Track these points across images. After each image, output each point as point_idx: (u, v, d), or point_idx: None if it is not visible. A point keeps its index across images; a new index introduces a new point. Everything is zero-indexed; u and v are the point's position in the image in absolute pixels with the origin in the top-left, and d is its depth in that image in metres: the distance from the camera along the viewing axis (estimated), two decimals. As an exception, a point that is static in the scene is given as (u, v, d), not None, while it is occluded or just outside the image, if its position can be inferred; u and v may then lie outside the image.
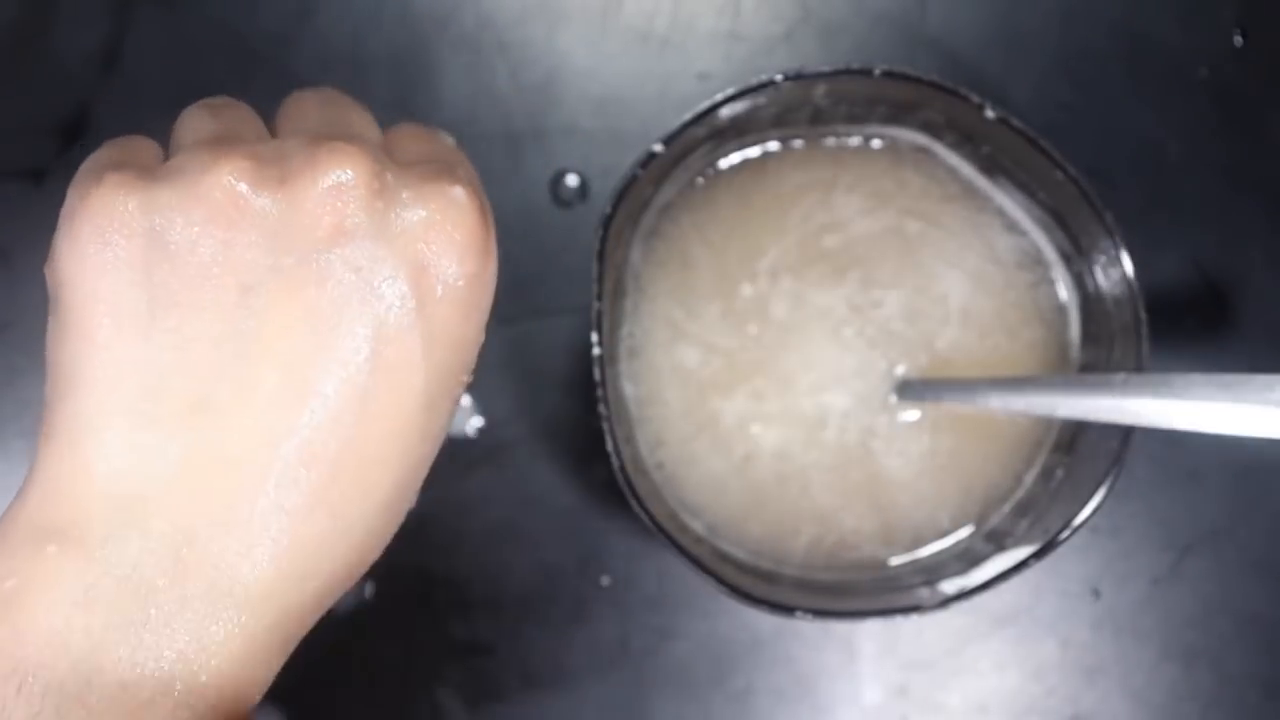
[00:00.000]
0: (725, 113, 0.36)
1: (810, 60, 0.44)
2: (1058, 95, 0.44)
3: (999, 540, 0.37)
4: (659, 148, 0.35)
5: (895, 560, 0.38)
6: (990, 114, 0.36)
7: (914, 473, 0.38)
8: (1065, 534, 0.34)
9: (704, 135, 0.37)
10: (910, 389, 0.38)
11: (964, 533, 0.38)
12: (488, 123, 0.43)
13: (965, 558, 0.37)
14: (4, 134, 0.43)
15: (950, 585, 0.35)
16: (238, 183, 0.24)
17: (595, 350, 0.34)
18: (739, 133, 0.38)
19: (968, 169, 0.39)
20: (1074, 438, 0.38)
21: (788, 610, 0.34)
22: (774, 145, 0.39)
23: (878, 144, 0.40)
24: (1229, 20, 0.45)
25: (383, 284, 0.25)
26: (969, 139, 0.38)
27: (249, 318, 0.25)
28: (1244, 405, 0.26)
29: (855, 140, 0.40)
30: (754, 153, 0.39)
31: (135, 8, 0.43)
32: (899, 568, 0.38)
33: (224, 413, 0.25)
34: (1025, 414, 0.38)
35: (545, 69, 0.43)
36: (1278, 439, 0.26)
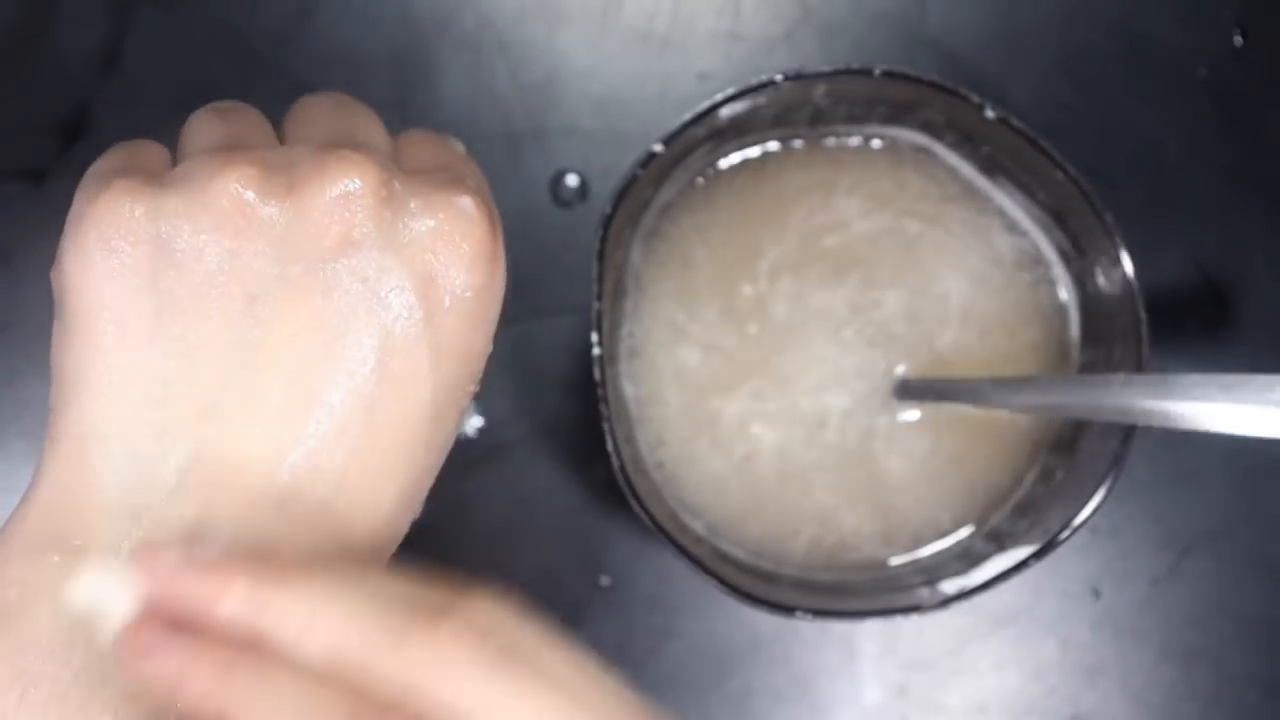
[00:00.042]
0: (725, 113, 0.36)
1: (810, 60, 0.44)
2: (1058, 95, 0.44)
3: (999, 540, 0.37)
4: (659, 148, 0.35)
5: (895, 560, 0.38)
6: (990, 114, 0.36)
7: (914, 473, 0.38)
8: (1065, 534, 0.34)
9: (704, 135, 0.37)
10: (910, 389, 0.38)
11: (964, 533, 0.38)
12: (488, 123, 0.43)
13: (965, 558, 0.37)
14: (4, 134, 0.42)
15: (950, 585, 0.35)
16: (245, 190, 0.24)
17: (595, 350, 0.34)
18: (739, 133, 0.38)
19: (968, 169, 0.39)
20: (1074, 438, 0.38)
21: (787, 610, 0.34)
22: (774, 145, 0.39)
23: (878, 144, 0.40)
24: (1229, 20, 0.45)
25: (390, 294, 0.25)
26: (969, 139, 0.38)
27: (255, 326, 0.25)
28: (1244, 405, 0.26)
29: (855, 140, 0.40)
30: (754, 153, 0.39)
31: (135, 8, 0.43)
32: (899, 568, 0.38)
33: (229, 422, 0.24)
34: (1025, 414, 0.38)
35: (545, 69, 0.43)
36: (1278, 439, 0.26)
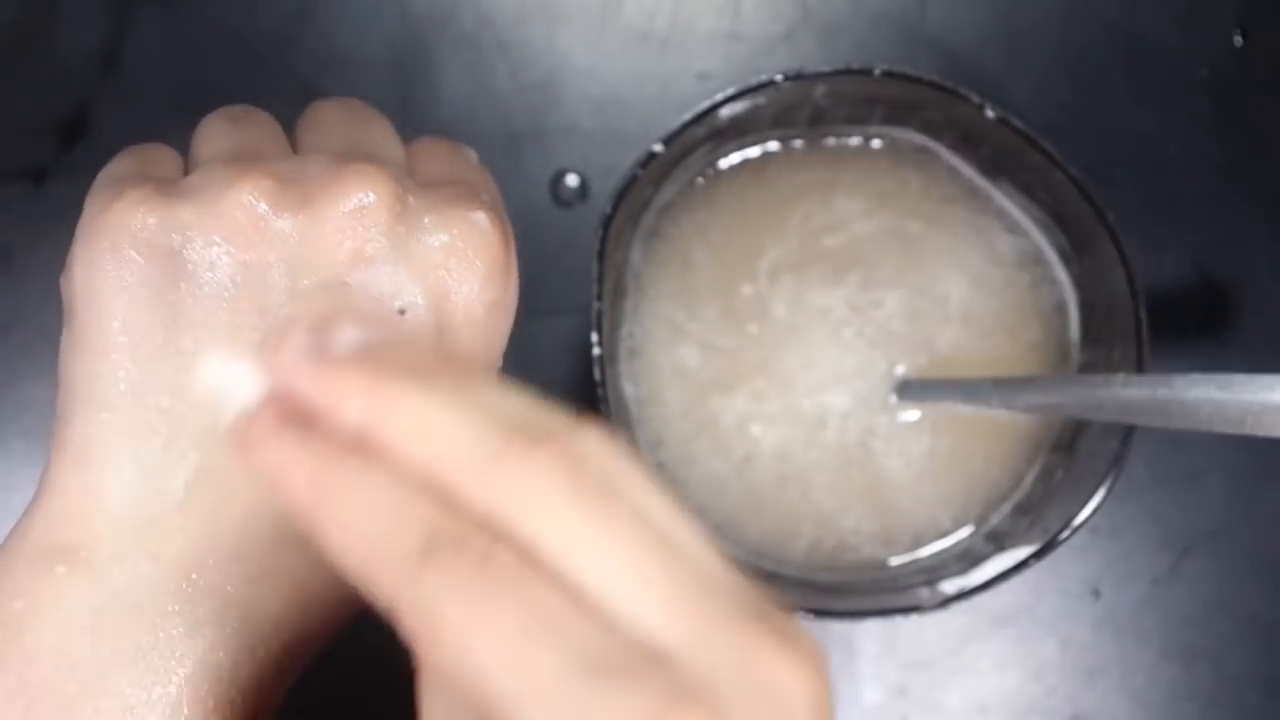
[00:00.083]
0: (725, 113, 0.36)
1: (810, 60, 0.44)
2: (1057, 95, 0.44)
3: (999, 540, 0.37)
4: (659, 148, 0.35)
5: (895, 560, 0.38)
6: (990, 114, 0.36)
7: (914, 473, 0.38)
8: (1065, 534, 0.34)
9: (704, 135, 0.37)
10: (910, 389, 0.38)
11: (964, 533, 0.38)
12: (488, 123, 0.43)
13: (965, 558, 0.37)
14: (4, 134, 0.42)
15: (950, 585, 0.35)
16: (258, 203, 0.24)
17: (595, 350, 0.34)
18: (739, 133, 0.38)
19: (968, 169, 0.39)
20: (1074, 438, 0.38)
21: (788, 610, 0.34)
22: (774, 145, 0.39)
23: (878, 144, 0.40)
24: (1229, 20, 0.45)
25: (402, 310, 0.25)
26: (969, 139, 0.38)
27: (265, 339, 0.24)
28: (1244, 405, 0.26)
29: (855, 140, 0.40)
30: (754, 153, 0.39)
31: (135, 8, 0.43)
32: (899, 568, 0.38)
33: None
34: (1025, 414, 0.38)
35: (545, 69, 0.43)
36: (1278, 439, 0.26)
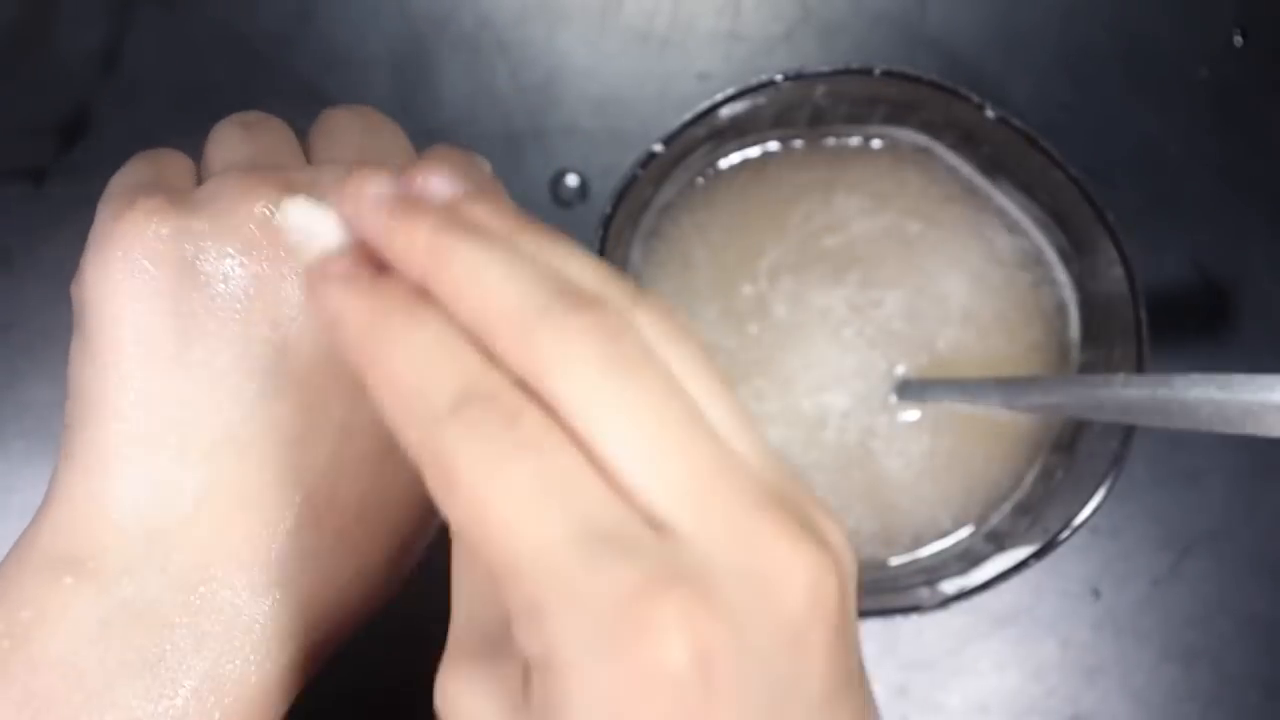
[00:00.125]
0: (725, 113, 0.36)
1: (810, 60, 0.44)
2: (1057, 95, 0.44)
3: (999, 540, 0.37)
4: (659, 148, 0.35)
5: (895, 560, 0.38)
6: (990, 114, 0.36)
7: (914, 473, 0.38)
8: (1065, 534, 0.34)
9: (704, 135, 0.37)
10: (910, 389, 0.38)
11: (964, 533, 0.38)
12: (488, 123, 0.43)
13: (965, 558, 0.37)
14: (4, 134, 0.42)
15: (950, 585, 0.35)
16: (272, 215, 0.24)
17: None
18: (739, 133, 0.38)
19: (968, 169, 0.39)
20: (1074, 438, 0.38)
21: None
22: (774, 145, 0.39)
23: (878, 144, 0.40)
24: (1229, 20, 0.45)
25: None
26: (969, 139, 0.38)
27: (277, 353, 0.24)
28: (1244, 405, 0.26)
29: (855, 140, 0.40)
30: (754, 153, 0.39)
31: (135, 8, 0.43)
32: (899, 568, 0.38)
33: (247, 448, 0.24)
34: (1025, 414, 0.38)
35: (545, 69, 0.43)
36: (1278, 439, 0.26)
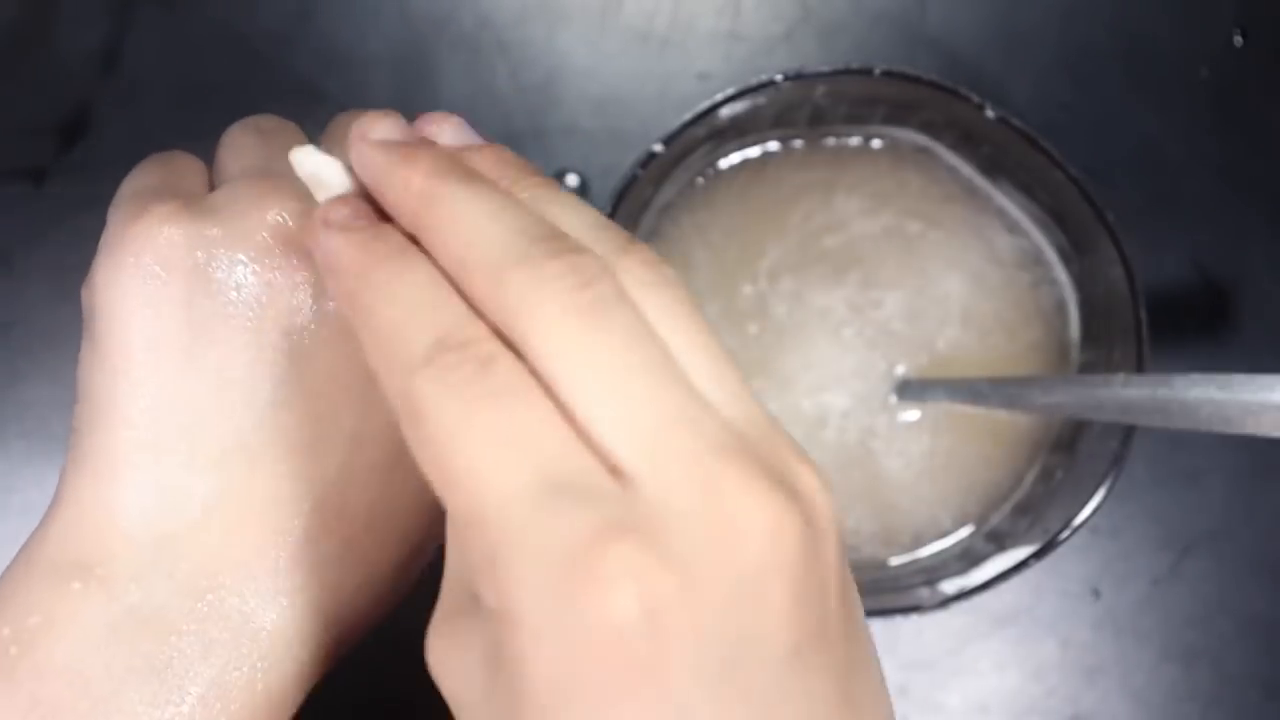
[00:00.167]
0: (725, 113, 0.36)
1: (810, 60, 0.44)
2: (1057, 95, 0.44)
3: (999, 540, 0.37)
4: (659, 148, 0.35)
5: (895, 560, 0.38)
6: (990, 114, 0.36)
7: (914, 473, 0.38)
8: (1065, 534, 0.34)
9: (704, 135, 0.37)
10: (910, 389, 0.38)
11: (964, 533, 0.38)
12: (488, 123, 0.43)
13: (965, 558, 0.37)
14: (4, 134, 0.42)
15: (950, 585, 0.35)
16: (286, 222, 0.24)
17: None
18: (739, 133, 0.38)
19: (968, 169, 0.39)
20: (1074, 438, 0.38)
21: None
22: (774, 145, 0.39)
23: (878, 144, 0.40)
24: (1229, 20, 0.45)
25: None
26: (969, 139, 0.38)
27: (289, 361, 0.24)
28: (1244, 405, 0.26)
29: (855, 140, 0.40)
30: (754, 153, 0.39)
31: (135, 8, 0.43)
32: (899, 568, 0.38)
33: (257, 456, 0.24)
34: (1025, 414, 0.38)
35: (545, 69, 0.43)
36: (1278, 439, 0.26)
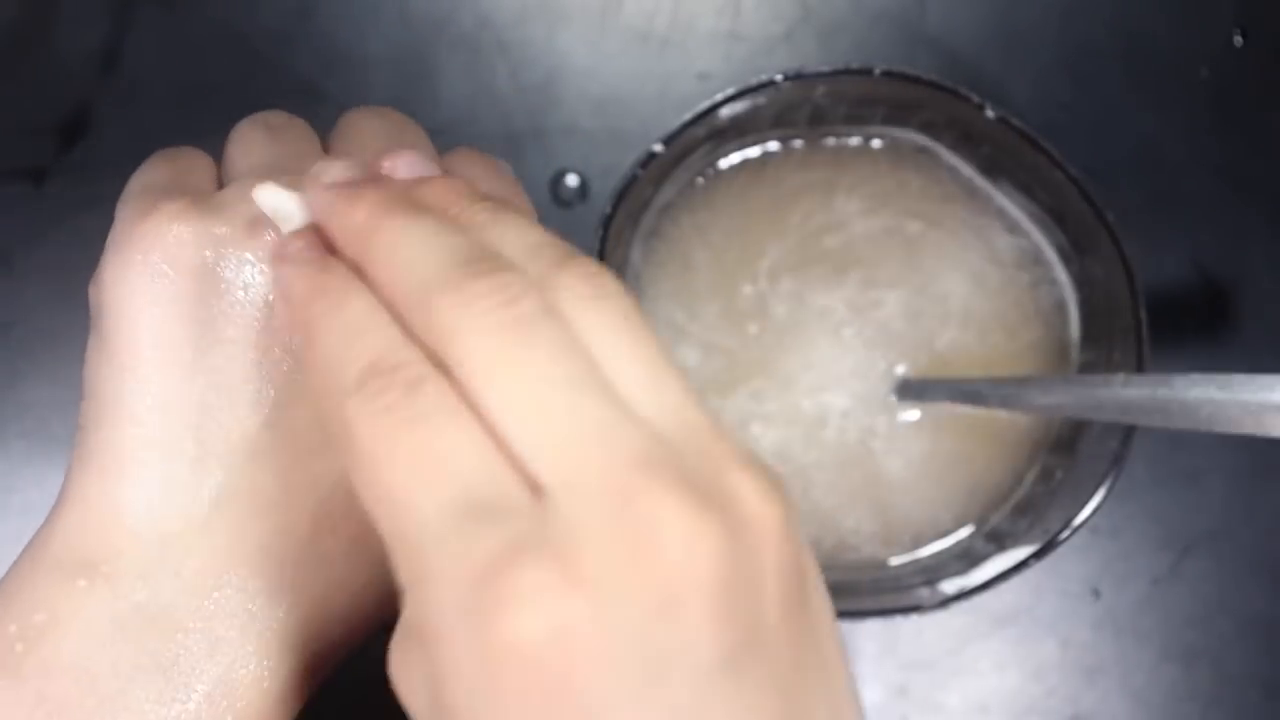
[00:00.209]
0: (725, 113, 0.36)
1: (810, 60, 0.44)
2: (1057, 95, 0.44)
3: (999, 540, 0.37)
4: (659, 148, 0.35)
5: (895, 560, 0.38)
6: (990, 114, 0.36)
7: (914, 473, 0.38)
8: (1065, 534, 0.34)
9: (704, 135, 0.37)
10: (910, 389, 0.38)
11: (964, 533, 0.38)
12: (488, 123, 0.43)
13: (965, 558, 0.37)
14: (4, 134, 0.42)
15: (950, 585, 0.35)
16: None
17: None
18: (739, 133, 0.38)
19: (968, 169, 0.39)
20: (1074, 438, 0.38)
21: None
22: (774, 145, 0.39)
23: (878, 144, 0.40)
24: (1229, 20, 0.45)
25: None
26: (969, 139, 0.38)
27: (296, 361, 0.24)
28: (1244, 405, 0.26)
29: (855, 140, 0.40)
30: (754, 153, 0.39)
31: (135, 8, 0.43)
32: (899, 568, 0.38)
33: (264, 455, 0.24)
34: (1025, 414, 0.38)
35: (545, 69, 0.43)
36: (1278, 439, 0.26)
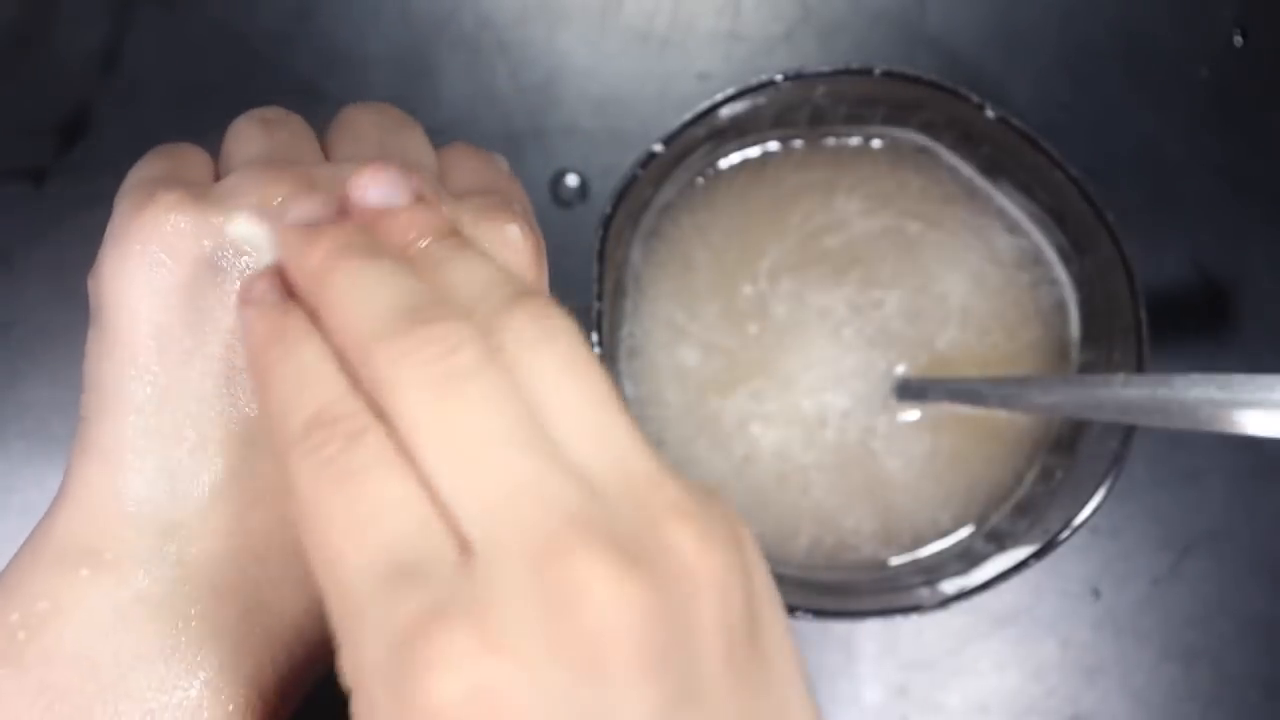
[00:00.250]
0: (725, 113, 0.36)
1: (810, 60, 0.44)
2: (1057, 95, 0.44)
3: (999, 540, 0.37)
4: (659, 148, 0.35)
5: (895, 560, 0.38)
6: (990, 114, 0.36)
7: (914, 473, 0.38)
8: (1065, 534, 0.34)
9: (704, 135, 0.37)
10: (910, 389, 0.38)
11: (964, 533, 0.38)
12: (488, 123, 0.43)
13: (965, 558, 0.37)
14: (4, 134, 0.42)
15: (950, 585, 0.35)
16: (292, 211, 0.24)
17: (595, 350, 0.34)
18: (739, 133, 0.38)
19: (968, 169, 0.39)
20: (1074, 438, 0.38)
21: (788, 610, 0.34)
22: (774, 145, 0.39)
23: (878, 144, 0.40)
24: (1229, 20, 0.45)
25: None
26: (969, 139, 0.38)
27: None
28: (1244, 405, 0.26)
29: (855, 140, 0.40)
30: (754, 153, 0.39)
31: (135, 8, 0.43)
32: (899, 568, 0.38)
33: (264, 442, 0.24)
34: (1025, 414, 0.38)
35: (545, 69, 0.43)
36: (1278, 439, 0.26)
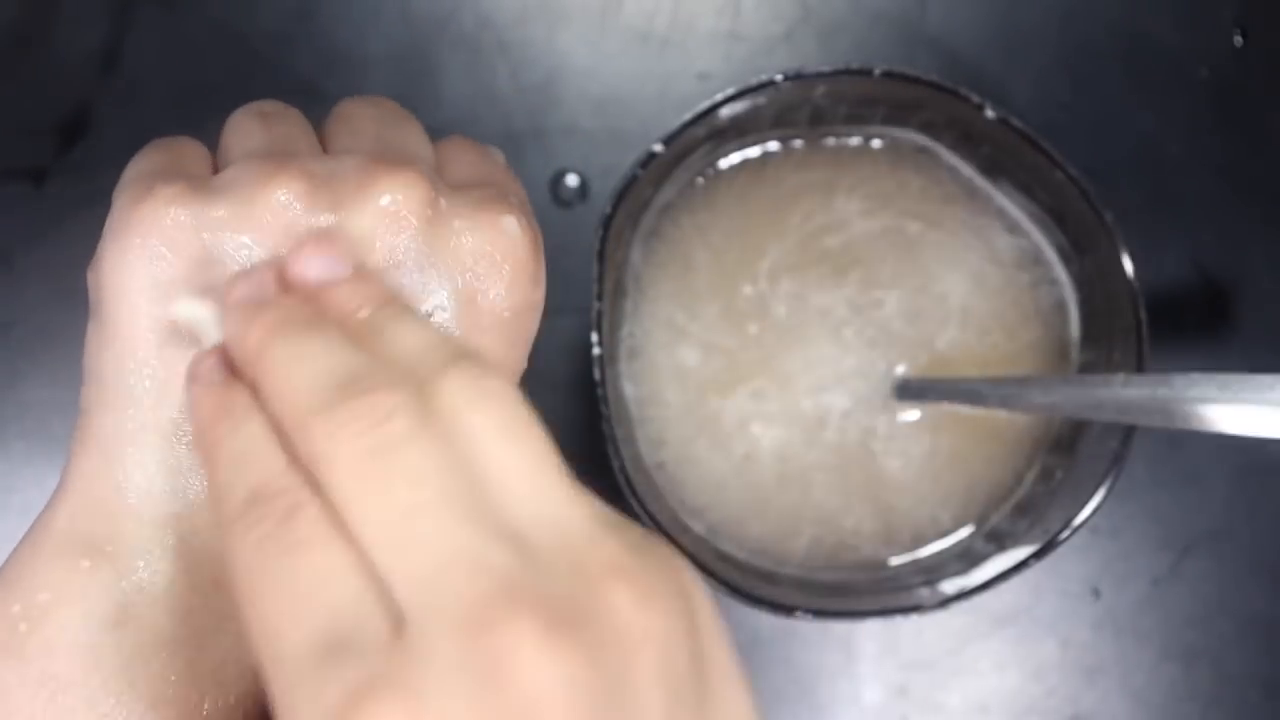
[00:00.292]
0: (725, 113, 0.36)
1: (810, 60, 0.44)
2: (1057, 95, 0.44)
3: (999, 540, 0.37)
4: (659, 148, 0.35)
5: (895, 560, 0.38)
6: (990, 114, 0.36)
7: (914, 473, 0.38)
8: (1065, 534, 0.34)
9: (704, 135, 0.37)
10: (910, 389, 0.38)
11: (964, 533, 0.38)
12: (488, 123, 0.43)
13: (965, 558, 0.37)
14: (4, 134, 0.42)
15: (950, 585, 0.35)
16: (291, 203, 0.24)
17: (595, 350, 0.34)
18: (739, 133, 0.38)
19: (968, 169, 0.39)
20: (1074, 438, 0.38)
21: (788, 610, 0.34)
22: (774, 145, 0.39)
23: (878, 144, 0.40)
24: (1229, 20, 0.45)
25: (429, 313, 0.25)
26: (969, 139, 0.38)
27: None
28: (1244, 405, 0.26)
29: (855, 141, 0.40)
30: (754, 153, 0.39)
31: (135, 8, 0.43)
32: (899, 568, 0.38)
33: None
34: (1025, 414, 0.38)
35: (545, 69, 0.43)
36: (1278, 439, 0.26)
